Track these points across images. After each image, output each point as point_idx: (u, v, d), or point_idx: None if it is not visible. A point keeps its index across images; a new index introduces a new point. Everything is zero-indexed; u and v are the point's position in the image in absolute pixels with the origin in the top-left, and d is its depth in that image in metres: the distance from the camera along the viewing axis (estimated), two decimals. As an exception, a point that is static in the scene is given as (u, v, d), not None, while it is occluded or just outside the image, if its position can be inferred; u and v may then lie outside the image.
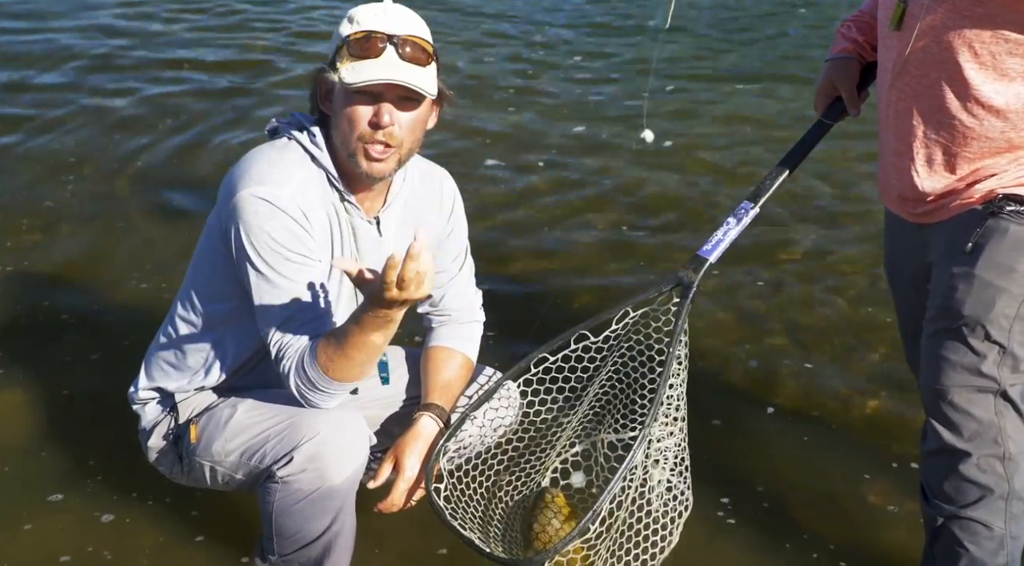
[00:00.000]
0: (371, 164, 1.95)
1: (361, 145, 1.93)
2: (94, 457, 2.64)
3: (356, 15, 1.94)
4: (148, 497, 2.49)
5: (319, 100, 2.00)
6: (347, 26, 1.94)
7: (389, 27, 1.91)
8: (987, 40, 1.81)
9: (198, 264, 2.13)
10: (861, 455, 2.72)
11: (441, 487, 1.97)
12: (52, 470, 2.60)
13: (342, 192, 2.00)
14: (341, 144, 1.96)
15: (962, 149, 1.92)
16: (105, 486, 2.54)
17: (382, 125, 1.91)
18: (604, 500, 1.77)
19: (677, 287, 2.08)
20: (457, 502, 2.02)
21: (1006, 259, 1.89)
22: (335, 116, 1.96)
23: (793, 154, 2.20)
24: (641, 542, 1.99)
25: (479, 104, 5.29)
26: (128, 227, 3.98)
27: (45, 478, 2.58)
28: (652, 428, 1.88)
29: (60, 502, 2.50)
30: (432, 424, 2.09)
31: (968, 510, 1.99)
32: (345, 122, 1.93)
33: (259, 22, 6.72)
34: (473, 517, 2.05)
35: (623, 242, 3.91)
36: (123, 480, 2.54)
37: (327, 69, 1.95)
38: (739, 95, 5.47)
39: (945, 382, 1.96)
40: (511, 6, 7.01)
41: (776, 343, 3.24)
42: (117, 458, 2.59)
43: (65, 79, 5.57)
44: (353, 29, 1.92)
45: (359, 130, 1.92)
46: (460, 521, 1.93)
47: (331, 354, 1.89)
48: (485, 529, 2.07)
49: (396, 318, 1.85)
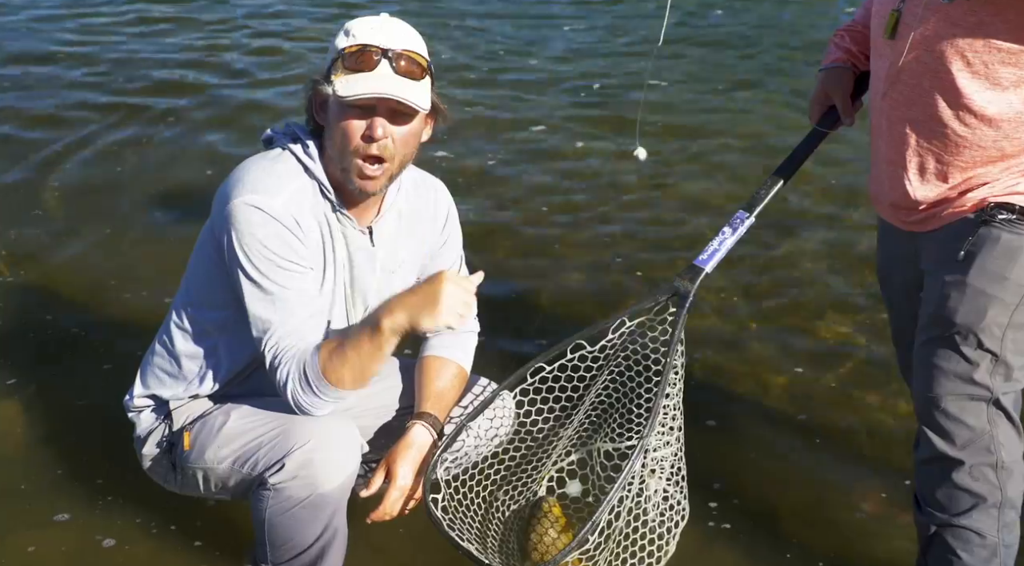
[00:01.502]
0: (363, 182, 1.97)
1: (354, 161, 1.94)
2: (88, 465, 2.63)
3: (352, 28, 1.94)
4: (142, 505, 2.48)
5: (314, 111, 2.01)
6: (343, 39, 1.94)
7: (384, 41, 1.92)
8: (980, 49, 1.82)
9: (193, 273, 2.13)
10: (854, 463, 2.72)
11: (439, 498, 1.97)
12: (47, 480, 2.60)
13: (334, 203, 2.01)
14: (335, 157, 1.97)
15: (955, 158, 1.93)
16: (100, 494, 2.54)
17: (375, 138, 1.92)
18: (603, 511, 1.77)
19: (673, 297, 2.09)
20: (455, 512, 2.02)
21: (998, 267, 1.90)
22: (329, 128, 1.97)
23: (788, 163, 2.22)
24: (638, 552, 1.99)
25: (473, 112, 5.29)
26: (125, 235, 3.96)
27: (40, 488, 2.57)
28: (650, 438, 1.88)
29: (55, 510, 2.49)
30: (425, 433, 2.08)
31: (961, 518, 1.99)
32: (339, 135, 1.94)
33: (259, 22, 6.71)
34: (471, 528, 2.04)
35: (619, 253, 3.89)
36: (117, 488, 2.54)
37: (322, 81, 1.95)
38: (734, 106, 5.46)
39: (938, 390, 1.96)
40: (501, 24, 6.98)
41: (768, 351, 3.24)
42: (111, 466, 2.58)
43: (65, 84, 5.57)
44: (349, 42, 1.92)
45: (353, 143, 1.93)
46: (458, 532, 1.93)
47: (334, 359, 1.90)
48: (483, 540, 2.07)
49: (408, 334, 1.89)
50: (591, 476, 2.33)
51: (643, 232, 4.05)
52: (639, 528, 1.99)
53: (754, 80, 5.83)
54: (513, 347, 3.08)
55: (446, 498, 2.00)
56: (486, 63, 6.07)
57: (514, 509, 2.29)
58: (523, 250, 3.89)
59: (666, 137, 4.91)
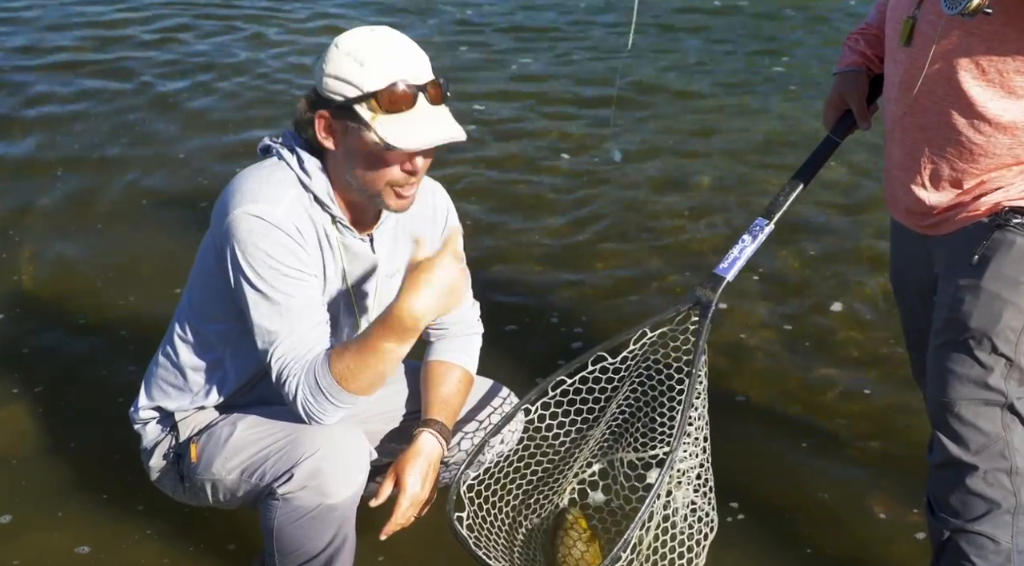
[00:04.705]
0: (400, 202, 1.95)
1: (391, 188, 1.92)
2: (92, 475, 2.61)
3: (364, 56, 1.84)
4: (149, 514, 2.47)
5: (318, 133, 1.92)
6: (358, 70, 1.84)
7: (409, 70, 1.85)
8: (994, 58, 1.81)
9: (194, 285, 2.10)
10: (867, 467, 2.73)
11: (464, 515, 1.95)
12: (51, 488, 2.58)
13: (334, 216, 1.98)
14: (358, 187, 1.94)
15: (969, 165, 1.92)
16: (105, 503, 2.52)
17: (416, 172, 1.91)
18: (634, 528, 1.76)
19: (695, 306, 2.07)
20: (480, 530, 2.00)
21: (1012, 271, 1.90)
22: (351, 157, 1.91)
23: (805, 169, 2.21)
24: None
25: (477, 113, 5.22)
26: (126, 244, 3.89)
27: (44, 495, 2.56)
28: (678, 452, 1.87)
29: (60, 518, 2.47)
30: (432, 440, 2.07)
31: (975, 524, 1.98)
32: (372, 169, 1.89)
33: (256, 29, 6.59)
34: (496, 545, 2.03)
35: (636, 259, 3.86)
36: (123, 497, 2.52)
37: (340, 113, 1.86)
38: (732, 110, 5.41)
39: (952, 395, 1.96)
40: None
41: (779, 354, 3.24)
42: (117, 476, 2.57)
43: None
44: (371, 77, 1.83)
45: (390, 177, 1.90)
46: (485, 550, 1.91)
47: (347, 364, 1.87)
48: (510, 556, 2.05)
49: (420, 329, 1.87)
50: (614, 486, 2.32)
51: (663, 241, 3.99)
52: (668, 542, 1.97)
53: (753, 83, 5.79)
54: (533, 359, 3.05)
55: (471, 515, 1.98)
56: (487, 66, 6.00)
57: (536, 522, 2.28)
58: (542, 260, 3.84)
59: (675, 141, 4.89)
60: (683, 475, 2.02)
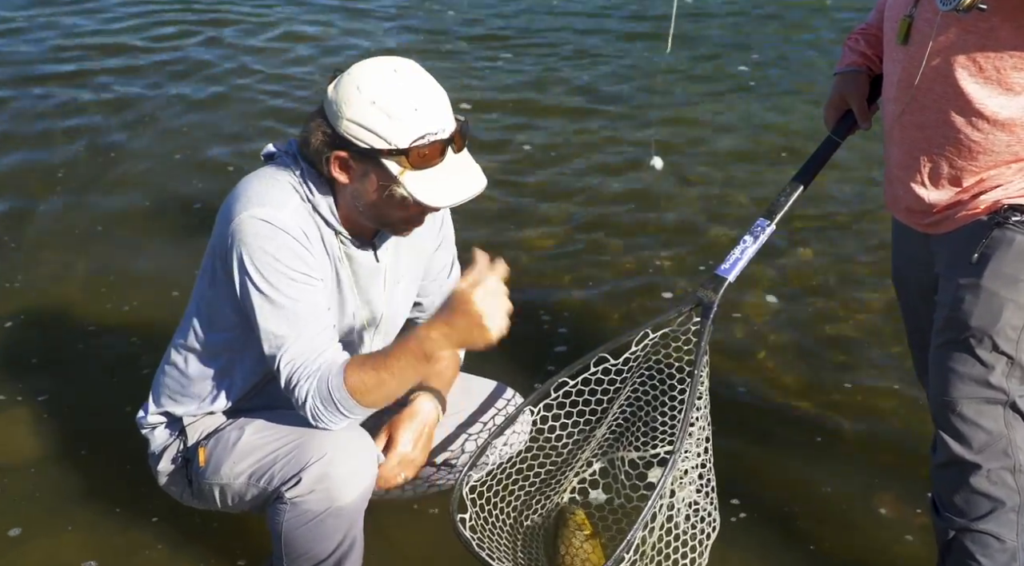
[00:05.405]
0: (409, 232, 1.99)
1: (404, 223, 1.96)
2: (101, 485, 2.60)
3: (392, 109, 1.82)
4: (156, 517, 2.47)
5: (332, 168, 1.90)
6: (384, 123, 1.82)
7: (437, 123, 1.84)
8: (991, 55, 1.82)
9: (198, 292, 2.10)
10: (871, 466, 2.72)
11: (466, 517, 1.95)
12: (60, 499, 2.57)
13: (337, 229, 1.98)
14: (371, 217, 1.96)
15: (968, 163, 1.92)
16: (114, 515, 2.51)
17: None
18: (637, 528, 1.76)
19: (697, 307, 2.08)
20: (482, 531, 2.00)
21: (1012, 270, 1.90)
22: (366, 194, 1.90)
23: (806, 169, 2.21)
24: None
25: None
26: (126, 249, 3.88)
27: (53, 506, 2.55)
28: (681, 452, 1.87)
29: (70, 531, 2.47)
30: (429, 404, 2.10)
31: (979, 523, 1.98)
32: (389, 209, 1.91)
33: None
34: (499, 545, 2.03)
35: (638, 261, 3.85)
36: (131, 501, 2.52)
37: (366, 157, 1.85)
38: (750, 112, 5.39)
39: (953, 394, 1.96)
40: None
41: (783, 354, 3.23)
42: (123, 480, 2.57)
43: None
44: (400, 133, 1.81)
45: (407, 217, 1.94)
46: (488, 551, 1.91)
47: (363, 378, 1.88)
48: (512, 556, 2.06)
49: (441, 359, 1.92)
50: (614, 484, 2.32)
51: (665, 242, 3.98)
52: (671, 542, 1.98)
53: (775, 84, 5.76)
54: (536, 360, 3.07)
55: (472, 517, 1.99)
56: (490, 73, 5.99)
57: (537, 521, 2.28)
58: (544, 261, 3.83)
59: (683, 145, 4.88)
60: (685, 475, 2.02)
